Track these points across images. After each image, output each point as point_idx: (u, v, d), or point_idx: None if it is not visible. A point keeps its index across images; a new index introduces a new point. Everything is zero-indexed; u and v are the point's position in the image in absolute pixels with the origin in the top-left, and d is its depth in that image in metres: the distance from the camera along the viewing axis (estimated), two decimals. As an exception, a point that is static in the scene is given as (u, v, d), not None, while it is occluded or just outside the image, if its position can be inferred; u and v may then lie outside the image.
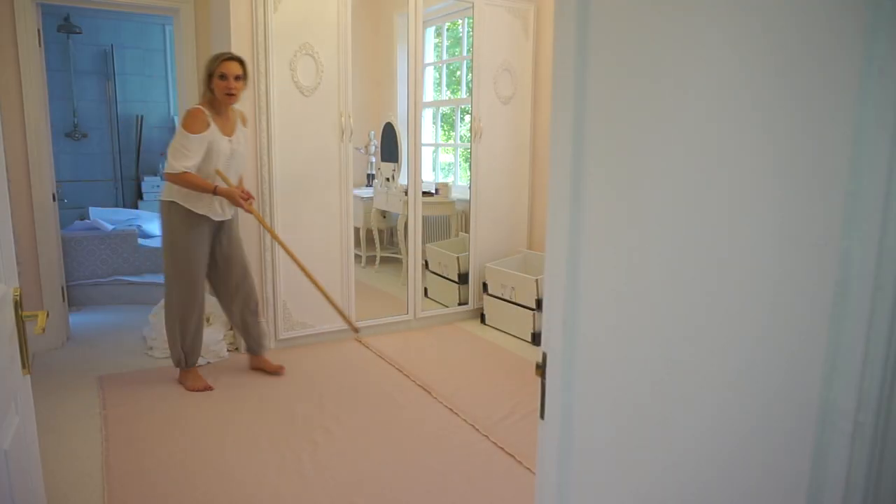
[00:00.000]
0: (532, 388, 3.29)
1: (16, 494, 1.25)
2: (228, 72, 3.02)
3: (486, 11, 4.20)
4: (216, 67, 3.02)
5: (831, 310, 0.58)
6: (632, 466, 0.84)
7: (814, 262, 0.59)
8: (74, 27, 6.24)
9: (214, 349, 3.66)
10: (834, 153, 0.57)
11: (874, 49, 0.53)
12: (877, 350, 0.55)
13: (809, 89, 0.59)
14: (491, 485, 2.42)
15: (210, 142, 3.01)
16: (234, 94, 3.05)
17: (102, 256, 4.94)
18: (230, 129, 3.14)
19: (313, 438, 2.75)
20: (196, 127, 2.98)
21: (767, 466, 0.66)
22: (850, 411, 0.57)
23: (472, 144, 4.33)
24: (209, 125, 3.01)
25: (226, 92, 3.03)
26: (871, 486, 0.57)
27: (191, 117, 3.01)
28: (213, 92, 3.05)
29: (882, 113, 0.52)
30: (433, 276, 4.71)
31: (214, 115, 3.07)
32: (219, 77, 3.02)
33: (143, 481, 2.40)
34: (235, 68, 3.04)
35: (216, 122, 3.06)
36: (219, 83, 3.02)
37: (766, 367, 0.65)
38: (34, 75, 3.60)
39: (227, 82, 3.02)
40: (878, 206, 0.53)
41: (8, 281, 1.29)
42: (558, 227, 0.90)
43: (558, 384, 0.93)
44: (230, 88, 3.03)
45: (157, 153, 6.97)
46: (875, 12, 0.52)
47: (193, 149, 2.97)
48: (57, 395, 3.19)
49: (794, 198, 0.61)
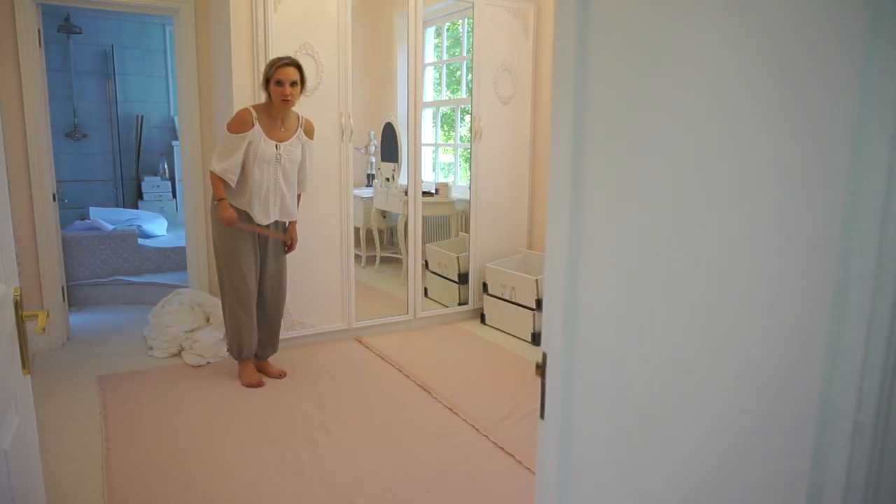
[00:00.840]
0: (532, 388, 3.29)
1: (16, 494, 1.25)
2: (285, 77, 3.00)
3: (486, 11, 4.20)
4: (273, 73, 3.01)
5: (831, 310, 0.58)
6: (632, 466, 0.84)
7: (814, 262, 0.59)
8: (74, 27, 6.24)
9: (214, 349, 3.66)
10: (834, 153, 0.56)
11: (874, 49, 0.53)
12: (877, 350, 0.55)
13: (809, 89, 0.59)
14: (491, 485, 2.42)
15: (251, 143, 3.01)
16: (289, 100, 3.03)
17: (102, 256, 4.94)
18: (284, 135, 3.13)
19: (313, 438, 2.75)
20: (235, 126, 3.01)
21: (767, 466, 0.66)
22: (850, 411, 0.57)
23: (472, 144, 4.33)
24: (252, 126, 3.02)
25: (281, 98, 3.01)
26: (871, 486, 0.57)
27: (235, 116, 3.05)
28: (270, 97, 3.05)
29: (882, 113, 0.52)
30: (433, 276, 4.71)
31: (267, 119, 3.07)
32: (275, 83, 3.01)
33: (143, 481, 2.40)
34: (292, 74, 3.02)
35: (265, 125, 3.06)
36: (275, 89, 3.02)
37: (766, 367, 0.65)
38: (34, 75, 3.60)
39: (282, 88, 3.01)
40: (878, 206, 0.53)
41: (8, 281, 1.29)
42: (558, 227, 0.90)
43: (558, 384, 0.93)
44: (286, 94, 3.01)
45: (157, 153, 6.98)
46: (875, 12, 0.52)
47: (231, 148, 2.99)
48: (57, 395, 3.19)
49: (794, 197, 0.60)
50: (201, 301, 3.93)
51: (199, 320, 3.83)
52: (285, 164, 3.15)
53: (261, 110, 3.08)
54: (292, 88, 3.03)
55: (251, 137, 3.02)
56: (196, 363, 3.59)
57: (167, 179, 6.93)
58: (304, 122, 3.25)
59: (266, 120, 3.07)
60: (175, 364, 3.62)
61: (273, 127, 3.10)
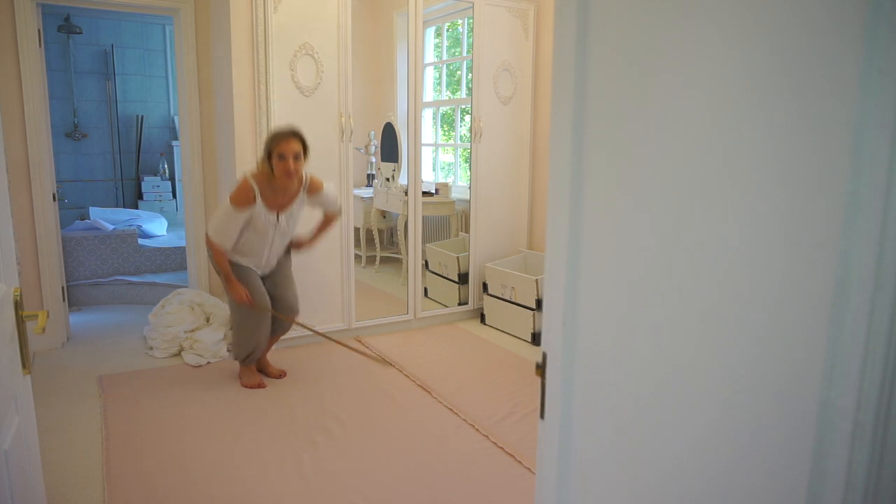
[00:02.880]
0: (532, 388, 3.29)
1: (16, 494, 1.25)
2: (287, 151, 2.89)
3: (486, 11, 4.20)
4: (274, 146, 2.90)
5: (831, 310, 0.58)
6: (632, 466, 0.84)
7: (814, 262, 0.59)
8: (74, 27, 6.24)
9: (214, 349, 3.66)
10: (834, 153, 0.56)
11: (874, 49, 0.53)
12: (877, 350, 0.55)
13: (809, 89, 0.59)
14: (491, 485, 2.42)
15: (252, 215, 2.96)
16: (292, 175, 2.92)
17: (102, 256, 4.94)
18: (285, 204, 3.05)
19: (313, 438, 2.75)
20: (239, 200, 2.92)
21: (767, 466, 0.66)
22: (849, 411, 0.57)
23: (472, 144, 4.33)
24: (254, 202, 2.94)
25: (284, 173, 2.91)
26: (871, 486, 0.57)
27: (239, 190, 2.94)
28: (272, 169, 2.93)
29: (882, 113, 0.52)
30: (433, 276, 4.71)
31: (269, 191, 2.98)
32: (278, 157, 2.89)
33: (143, 481, 2.40)
34: (295, 146, 2.90)
35: (267, 197, 2.97)
36: (278, 163, 2.90)
37: (765, 366, 0.65)
38: (34, 75, 3.60)
39: (285, 163, 2.89)
40: (878, 206, 0.53)
41: (8, 281, 1.29)
42: (558, 227, 0.90)
43: (558, 384, 0.93)
44: (289, 170, 2.90)
45: (157, 153, 6.98)
46: (875, 12, 0.52)
47: (230, 219, 2.93)
48: (57, 395, 3.19)
49: (794, 198, 0.60)
50: (201, 301, 3.93)
51: (199, 320, 3.83)
52: (283, 227, 3.12)
53: (263, 182, 2.97)
54: (296, 162, 2.91)
55: (252, 211, 2.96)
56: (196, 363, 3.59)
57: (167, 179, 6.94)
58: (308, 184, 3.12)
59: (268, 192, 2.97)
60: (175, 364, 3.62)
61: (274, 198, 3.00)
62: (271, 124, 3.57)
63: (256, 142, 3.59)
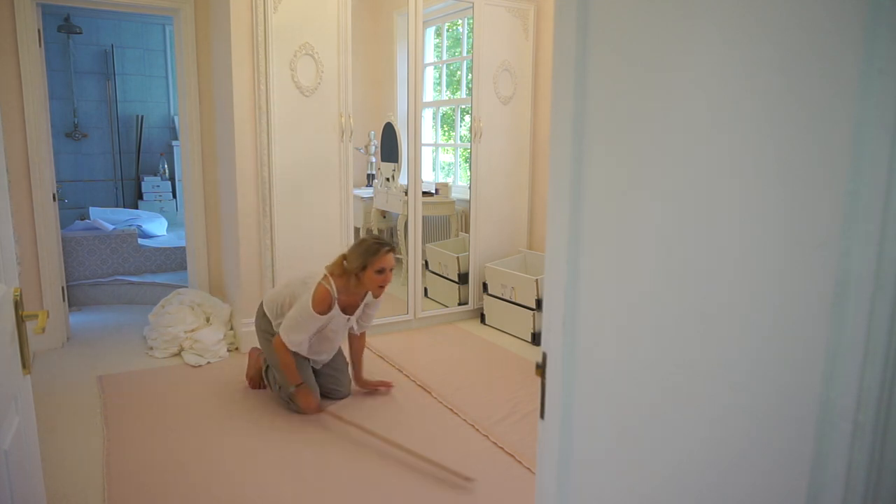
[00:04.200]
0: (532, 388, 3.29)
1: (16, 494, 1.25)
2: (388, 265, 2.85)
3: (486, 11, 4.20)
4: (375, 261, 2.83)
5: (831, 310, 0.58)
6: (632, 466, 0.84)
7: (814, 262, 0.59)
8: (74, 27, 6.24)
9: (214, 349, 3.66)
10: (834, 153, 0.56)
11: (874, 49, 0.53)
12: (877, 350, 0.55)
13: (809, 89, 0.59)
14: (491, 485, 2.42)
15: (327, 320, 2.91)
16: (385, 287, 2.92)
17: (102, 256, 4.94)
18: (354, 307, 3.01)
19: (313, 438, 2.75)
20: (320, 307, 2.85)
21: (767, 466, 0.66)
22: (850, 411, 0.57)
23: (472, 144, 4.33)
24: (332, 309, 2.89)
25: (380, 286, 2.90)
26: (871, 486, 0.57)
27: (320, 298, 2.85)
28: (360, 279, 2.87)
29: (882, 113, 0.52)
30: (433, 276, 4.71)
31: (346, 296, 2.93)
32: (377, 272, 2.85)
33: (143, 481, 2.40)
34: (392, 260, 2.88)
35: (343, 303, 2.93)
36: (376, 277, 2.85)
37: (766, 366, 0.65)
38: (34, 75, 3.60)
39: (384, 276, 2.86)
40: (878, 206, 0.53)
41: (8, 281, 1.29)
42: (558, 227, 0.90)
43: (558, 384, 0.93)
44: (385, 282, 2.89)
45: (157, 153, 6.98)
46: (875, 12, 0.52)
47: (308, 324, 2.86)
48: (57, 395, 3.19)
49: (795, 197, 0.60)
50: (201, 301, 3.93)
51: (199, 320, 3.83)
52: (353, 327, 3.11)
53: (341, 288, 2.89)
54: (391, 273, 2.89)
55: (329, 317, 2.91)
56: (196, 363, 3.59)
57: (167, 179, 6.94)
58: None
59: (344, 298, 2.93)
60: (175, 364, 3.62)
61: (348, 300, 2.95)
62: (271, 124, 3.58)
63: (256, 142, 3.59)
